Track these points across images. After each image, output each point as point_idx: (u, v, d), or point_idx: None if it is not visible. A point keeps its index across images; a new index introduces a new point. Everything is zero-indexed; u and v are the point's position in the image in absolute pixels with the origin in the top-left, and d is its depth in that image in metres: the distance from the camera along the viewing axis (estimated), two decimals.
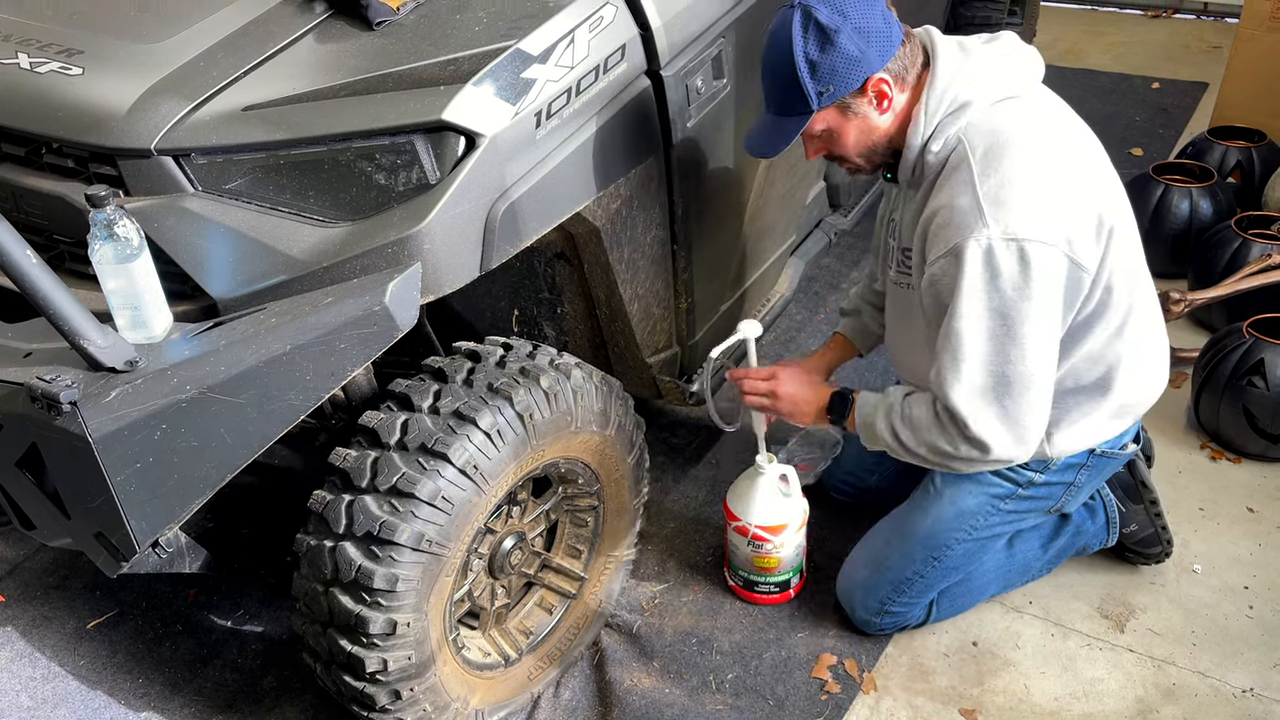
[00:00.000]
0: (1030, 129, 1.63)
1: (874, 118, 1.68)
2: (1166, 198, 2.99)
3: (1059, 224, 1.58)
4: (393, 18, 1.72)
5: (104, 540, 1.43)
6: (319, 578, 1.62)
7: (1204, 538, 2.25)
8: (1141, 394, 1.86)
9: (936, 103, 1.64)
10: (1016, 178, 1.57)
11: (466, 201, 1.56)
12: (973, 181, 1.58)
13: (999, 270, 1.57)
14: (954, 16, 3.42)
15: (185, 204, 1.56)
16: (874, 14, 1.61)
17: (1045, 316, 1.61)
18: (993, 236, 1.56)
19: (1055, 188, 1.60)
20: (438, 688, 1.73)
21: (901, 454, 1.79)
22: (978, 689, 1.98)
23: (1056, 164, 1.62)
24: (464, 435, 1.59)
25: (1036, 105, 1.68)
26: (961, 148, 1.62)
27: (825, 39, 1.59)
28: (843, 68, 1.61)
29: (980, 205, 1.57)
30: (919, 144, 1.66)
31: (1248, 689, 1.95)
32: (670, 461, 2.52)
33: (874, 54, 1.61)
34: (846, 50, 1.59)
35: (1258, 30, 3.35)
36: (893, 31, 1.63)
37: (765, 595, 2.14)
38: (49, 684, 2.08)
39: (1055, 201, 1.59)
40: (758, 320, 2.02)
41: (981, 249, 1.56)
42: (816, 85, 1.62)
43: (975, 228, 1.56)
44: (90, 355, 1.34)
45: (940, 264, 1.62)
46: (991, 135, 1.61)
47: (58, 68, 1.67)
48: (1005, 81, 1.66)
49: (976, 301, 1.59)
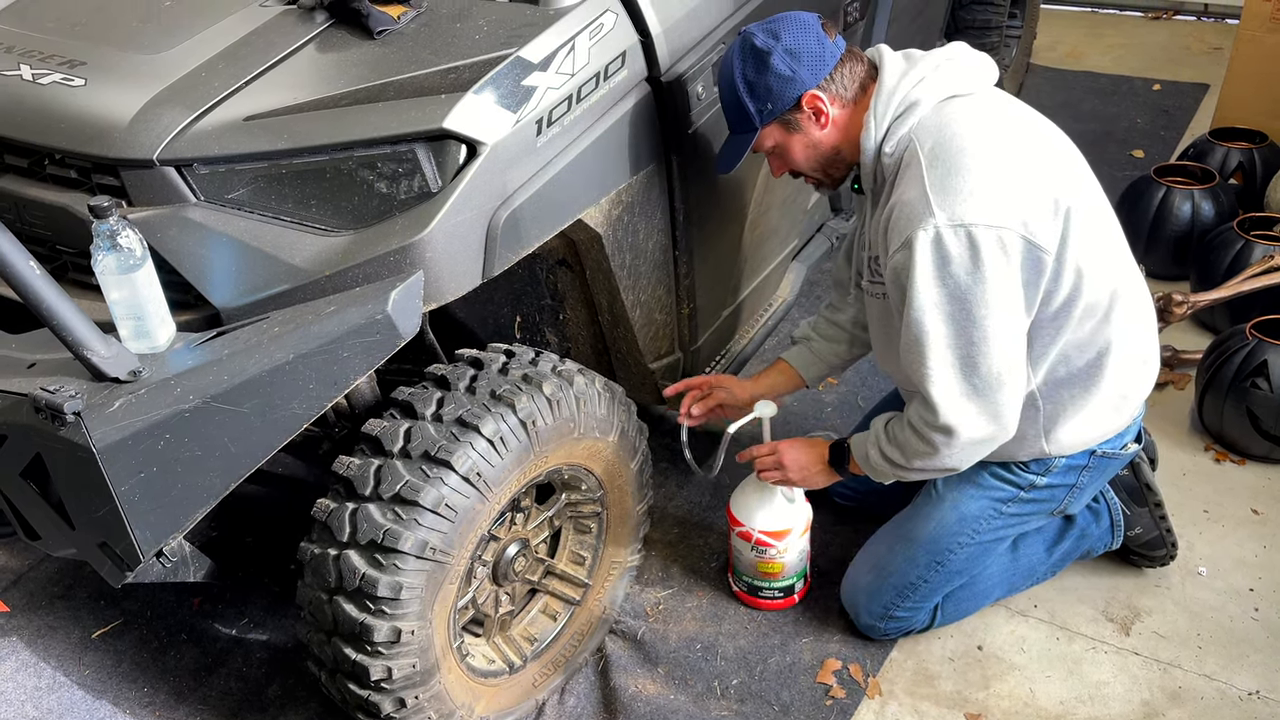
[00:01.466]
0: (977, 119, 1.66)
1: (815, 133, 1.76)
2: (1168, 200, 2.98)
3: (1008, 206, 1.60)
4: (393, 26, 1.72)
5: (108, 550, 1.43)
6: (323, 586, 1.62)
7: (1209, 540, 2.25)
8: (1137, 382, 1.86)
9: (884, 106, 1.70)
10: (963, 165, 1.61)
11: (468, 209, 1.56)
12: (921, 174, 1.62)
13: (949, 256, 1.59)
14: (954, 20, 3.43)
15: (188, 214, 1.56)
16: (806, 37, 1.71)
17: (1002, 297, 1.62)
18: (939, 224, 1.58)
19: (1003, 171, 1.62)
20: (442, 695, 1.73)
21: (904, 474, 1.82)
22: (983, 693, 1.98)
23: (1004, 149, 1.65)
24: (467, 443, 1.59)
25: (985, 99, 1.72)
26: (913, 146, 1.67)
27: (760, 60, 1.70)
28: (776, 86, 1.71)
29: (927, 195, 1.60)
30: (873, 148, 1.72)
31: (1254, 691, 1.94)
32: (673, 467, 2.52)
33: (805, 73, 1.70)
34: (778, 70, 1.70)
35: (1258, 31, 3.35)
36: (825, 52, 1.71)
37: (769, 600, 2.13)
38: (54, 694, 2.08)
39: (1004, 185, 1.61)
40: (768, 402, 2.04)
41: (930, 237, 1.59)
42: (755, 103, 1.73)
43: (923, 217, 1.59)
44: (94, 365, 1.35)
45: (897, 258, 1.65)
46: (939, 130, 1.65)
47: (60, 79, 1.68)
48: (952, 81, 1.70)
49: (931, 289, 1.61)
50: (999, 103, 1.73)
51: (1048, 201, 1.64)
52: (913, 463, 1.77)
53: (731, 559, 2.16)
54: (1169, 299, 2.61)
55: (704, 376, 2.16)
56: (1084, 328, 1.74)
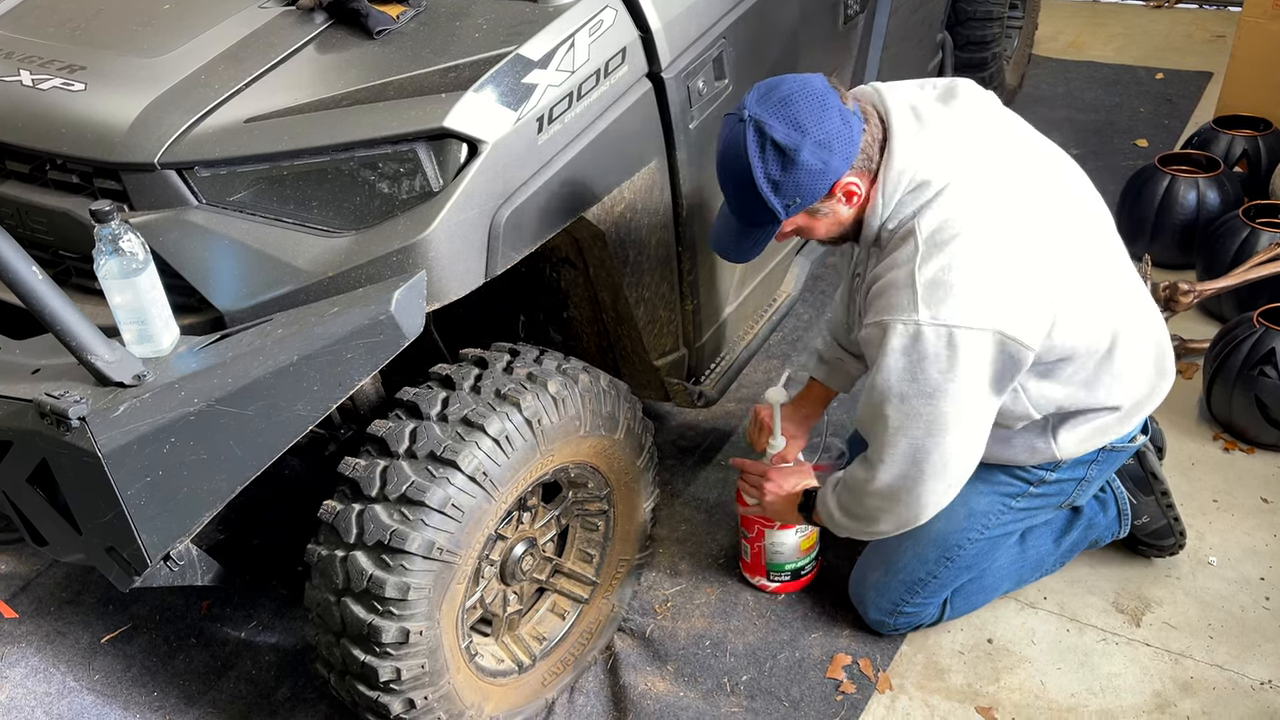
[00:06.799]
0: (980, 218, 1.57)
1: (842, 213, 1.65)
2: (1173, 189, 2.97)
3: (996, 308, 1.55)
4: (392, 26, 1.72)
5: (115, 555, 1.43)
6: (331, 588, 1.62)
7: (1218, 529, 2.24)
8: (1151, 394, 1.85)
9: (894, 185, 1.60)
10: (956, 265, 1.54)
11: (470, 208, 1.56)
12: (914, 263, 1.55)
13: (925, 354, 1.55)
14: (955, 12, 3.42)
15: (190, 217, 1.56)
16: (829, 118, 1.54)
17: (971, 394, 1.59)
18: (922, 320, 1.54)
19: (997, 277, 1.55)
20: (451, 695, 1.73)
21: (854, 520, 1.83)
22: (993, 686, 1.97)
23: (1002, 253, 1.57)
24: (473, 442, 1.59)
25: (994, 185, 1.61)
26: (913, 223, 1.59)
27: (786, 159, 1.53)
28: (808, 182, 1.56)
29: (915, 289, 1.54)
30: (877, 225, 1.64)
31: (1266, 681, 1.93)
32: (680, 464, 2.51)
33: (838, 160, 1.56)
34: (810, 166, 1.54)
35: (1260, 18, 3.33)
36: (852, 130, 1.56)
37: (783, 584, 2.15)
38: (64, 699, 2.08)
39: (995, 286, 1.55)
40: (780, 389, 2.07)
41: (909, 332, 1.55)
42: (782, 200, 1.58)
43: (905, 310, 1.55)
44: (98, 370, 1.35)
45: (869, 330, 1.62)
46: (942, 221, 1.57)
47: (60, 84, 1.68)
48: (963, 154, 1.61)
49: (900, 383, 1.58)
50: (1005, 179, 1.62)
51: (1041, 302, 1.59)
52: (845, 520, 1.82)
53: (754, 548, 2.14)
54: (1175, 288, 2.60)
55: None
56: (1084, 369, 1.72)
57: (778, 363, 2.80)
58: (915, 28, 2.93)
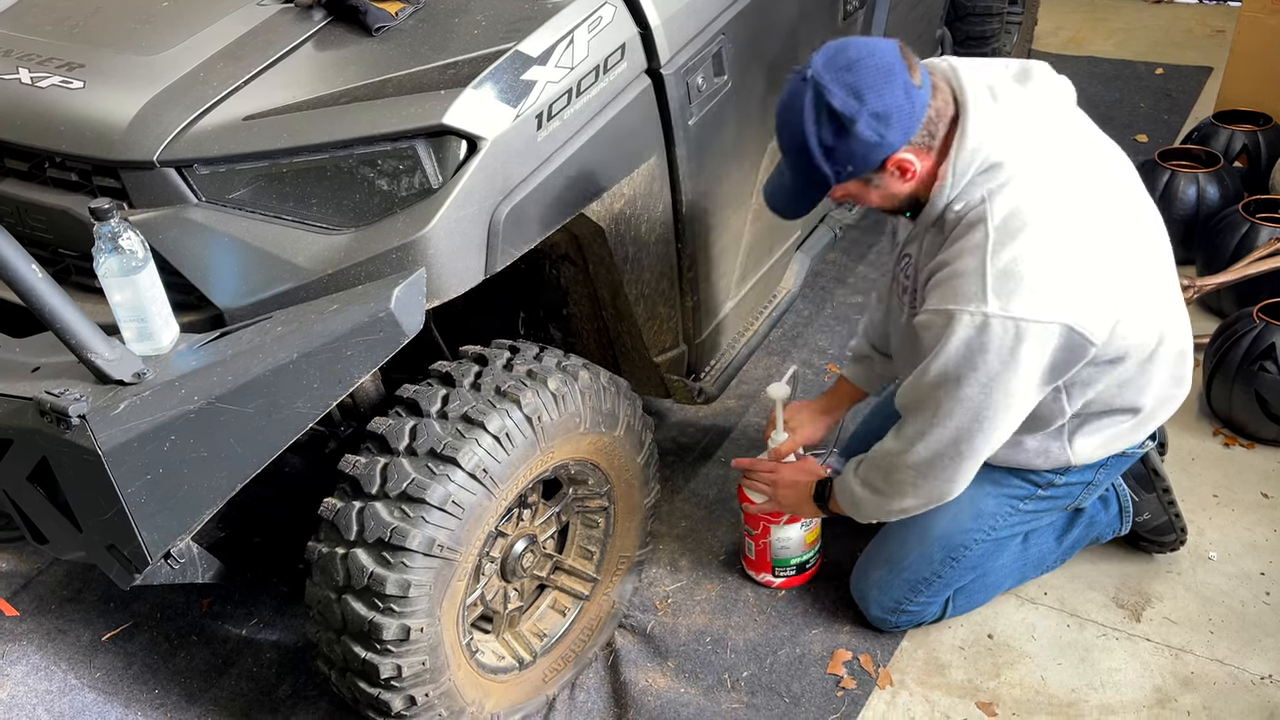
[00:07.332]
0: (1053, 209, 1.55)
1: (896, 187, 1.62)
2: (1173, 184, 2.97)
3: (1066, 303, 1.53)
4: (391, 23, 1.72)
5: (116, 552, 1.43)
6: (331, 585, 1.62)
7: (1219, 525, 2.24)
8: (1167, 403, 1.85)
9: (966, 164, 1.56)
10: (1029, 255, 1.52)
11: (470, 205, 1.56)
12: (985, 251, 1.53)
13: (988, 345, 1.54)
14: (955, 7, 3.41)
15: (189, 215, 1.56)
16: (892, 91, 1.50)
17: (1025, 385, 1.59)
18: (990, 312, 1.52)
19: (1069, 269, 1.54)
20: (452, 692, 1.73)
21: (872, 516, 1.83)
22: (994, 682, 1.97)
23: (1074, 245, 1.55)
24: (473, 439, 1.59)
25: (1065, 175, 1.59)
26: (982, 209, 1.55)
27: (840, 127, 1.51)
28: (861, 152, 1.53)
29: (985, 278, 1.52)
30: (943, 204, 1.60)
31: (1266, 675, 1.93)
32: (680, 460, 2.51)
33: (895, 135, 1.52)
34: (865, 137, 1.51)
35: (1260, 13, 3.33)
36: (914, 105, 1.52)
37: (788, 578, 2.15)
38: (65, 697, 2.08)
39: (1067, 282, 1.53)
40: (782, 384, 2.08)
41: (976, 323, 1.53)
42: (833, 166, 1.56)
43: (975, 300, 1.53)
44: (98, 368, 1.35)
45: (929, 317, 1.60)
46: (1014, 208, 1.54)
47: (59, 82, 1.67)
48: (1037, 138, 1.59)
49: (959, 372, 1.57)
50: (1076, 169, 1.61)
51: (1107, 295, 1.58)
52: (869, 496, 1.80)
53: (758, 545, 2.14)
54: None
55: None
56: (1127, 369, 1.71)
57: (778, 359, 2.81)
58: (914, 23, 2.93)
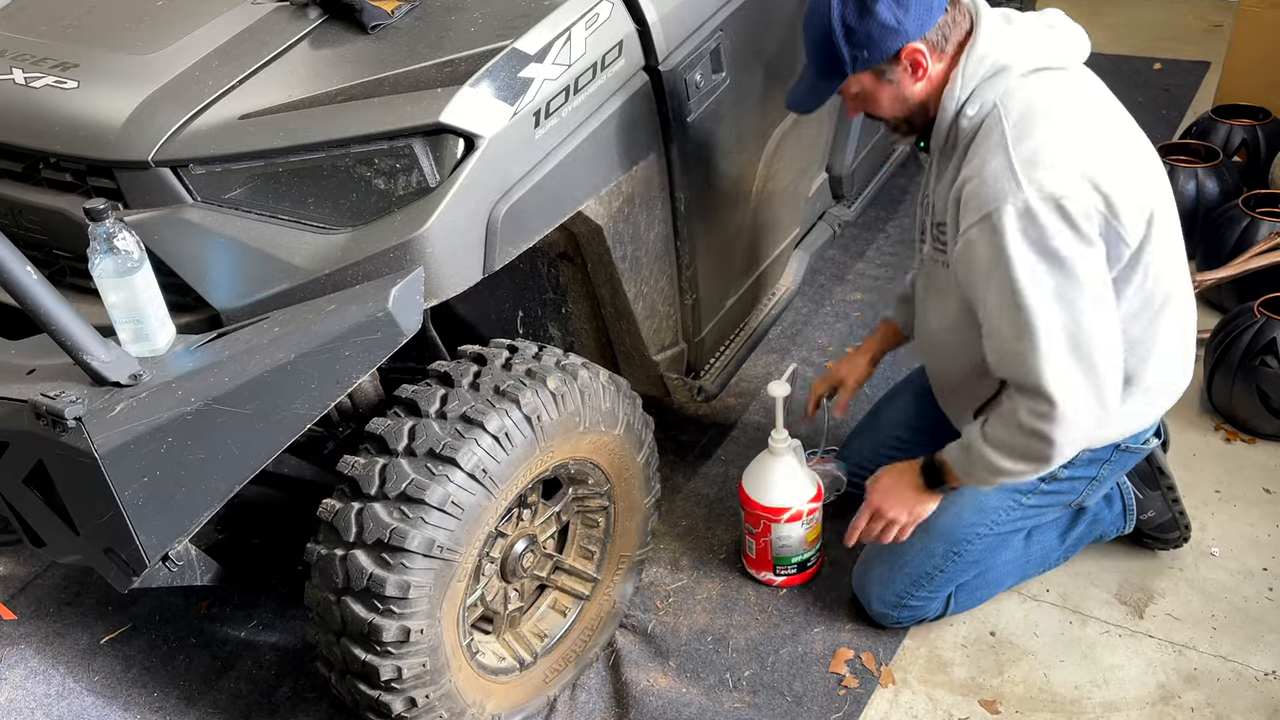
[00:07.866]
0: (1069, 100, 1.60)
1: (908, 85, 1.66)
2: (1172, 179, 2.96)
3: (1097, 186, 1.54)
4: (387, 21, 1.71)
5: (114, 555, 1.43)
6: (330, 586, 1.61)
7: (1221, 520, 2.23)
8: (1172, 383, 1.84)
9: (975, 65, 1.61)
10: (1052, 140, 1.54)
11: (467, 204, 1.55)
12: (1006, 146, 1.55)
13: (1044, 229, 1.52)
14: None
15: (185, 215, 1.55)
16: None
17: (1102, 270, 1.58)
18: (1029, 198, 1.52)
19: (1093, 153, 1.56)
20: (453, 694, 1.72)
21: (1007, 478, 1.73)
22: (997, 679, 1.97)
23: (1095, 133, 1.59)
24: (472, 439, 1.58)
25: (1077, 80, 1.65)
26: (996, 112, 1.59)
27: (863, 6, 1.58)
28: (878, 35, 1.60)
29: (1014, 168, 1.53)
30: (953, 108, 1.64)
31: (1270, 672, 1.93)
32: (680, 459, 2.51)
33: (912, 23, 1.59)
34: (883, 19, 1.58)
35: (1259, 7, 3.32)
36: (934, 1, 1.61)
37: (790, 577, 2.14)
38: (64, 700, 2.07)
39: (1093, 165, 1.55)
40: (782, 383, 2.08)
41: (1018, 212, 1.52)
42: (851, 50, 1.62)
43: (1010, 191, 1.53)
44: (94, 370, 1.34)
45: (974, 231, 1.58)
46: (1028, 103, 1.58)
47: (53, 82, 1.66)
48: (1047, 51, 1.63)
49: (1029, 265, 1.54)
50: (1090, 85, 1.67)
51: (1135, 196, 1.58)
52: (1017, 465, 1.68)
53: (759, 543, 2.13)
54: None
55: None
56: (1137, 325, 1.70)
57: (778, 356, 2.80)
58: None
